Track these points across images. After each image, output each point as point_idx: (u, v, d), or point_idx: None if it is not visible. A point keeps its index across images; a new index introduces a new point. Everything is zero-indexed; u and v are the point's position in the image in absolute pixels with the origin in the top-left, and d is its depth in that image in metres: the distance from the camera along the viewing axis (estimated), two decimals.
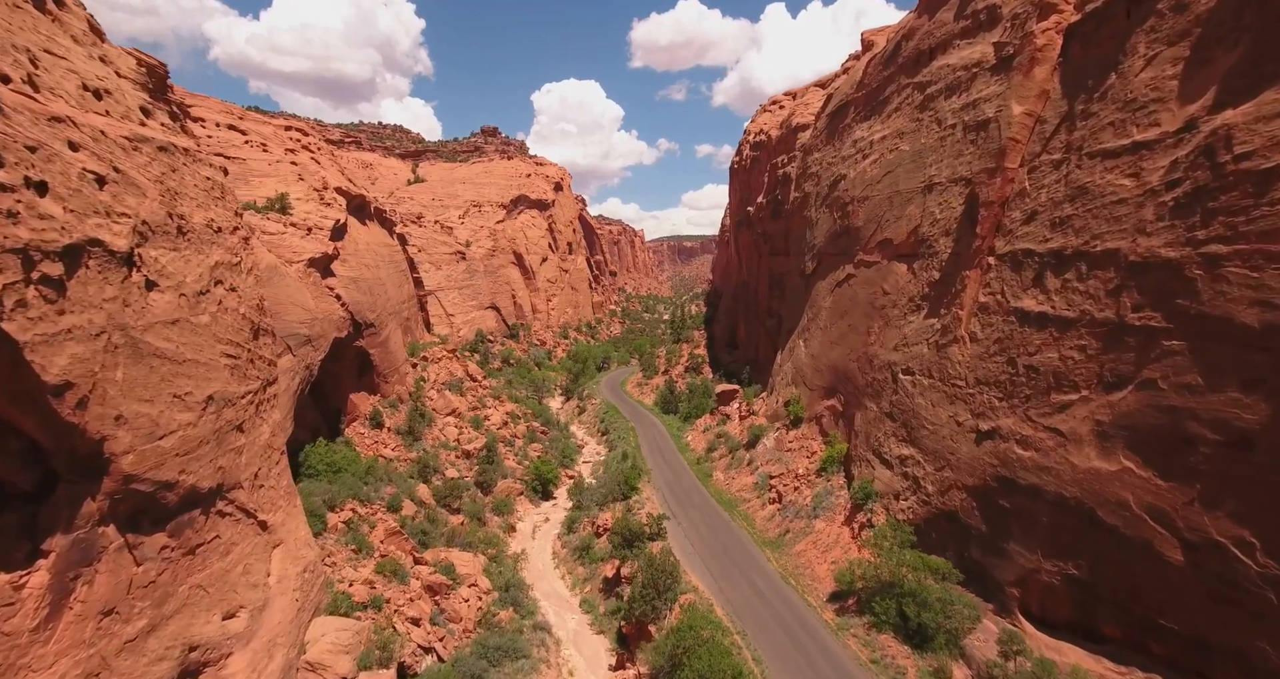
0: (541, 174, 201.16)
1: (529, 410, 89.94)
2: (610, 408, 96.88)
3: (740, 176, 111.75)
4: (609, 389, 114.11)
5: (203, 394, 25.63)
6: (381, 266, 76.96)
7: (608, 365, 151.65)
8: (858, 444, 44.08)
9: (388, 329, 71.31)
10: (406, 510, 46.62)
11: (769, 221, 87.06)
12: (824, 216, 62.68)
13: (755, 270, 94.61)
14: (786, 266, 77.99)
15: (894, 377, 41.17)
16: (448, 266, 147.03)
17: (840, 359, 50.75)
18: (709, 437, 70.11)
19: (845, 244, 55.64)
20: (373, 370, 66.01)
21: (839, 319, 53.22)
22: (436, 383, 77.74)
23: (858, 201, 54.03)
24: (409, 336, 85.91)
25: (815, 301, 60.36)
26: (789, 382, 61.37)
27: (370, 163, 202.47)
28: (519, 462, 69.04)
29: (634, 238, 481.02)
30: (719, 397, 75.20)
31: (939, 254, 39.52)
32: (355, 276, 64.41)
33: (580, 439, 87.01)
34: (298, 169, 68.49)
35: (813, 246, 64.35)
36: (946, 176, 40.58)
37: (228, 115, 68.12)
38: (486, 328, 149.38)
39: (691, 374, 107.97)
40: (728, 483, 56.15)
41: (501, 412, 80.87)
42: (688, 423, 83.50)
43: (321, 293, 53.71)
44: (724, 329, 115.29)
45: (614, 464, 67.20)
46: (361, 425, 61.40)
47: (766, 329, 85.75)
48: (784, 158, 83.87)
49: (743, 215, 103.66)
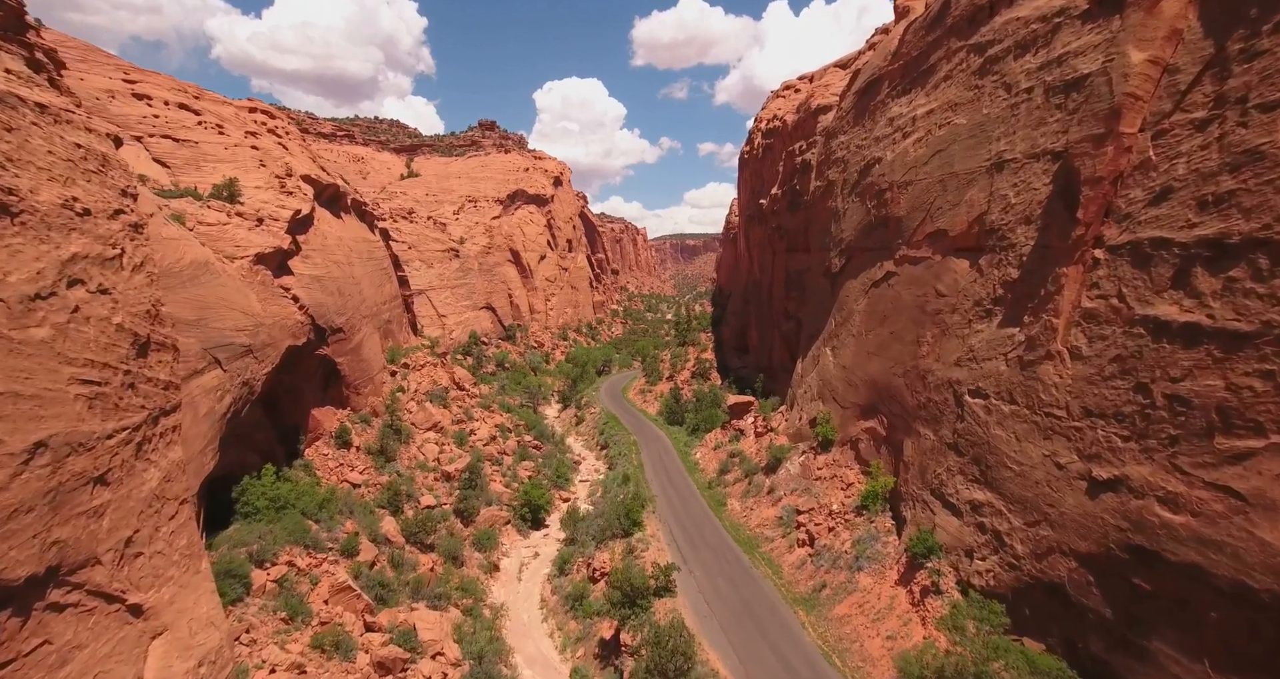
0: (540, 168, 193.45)
1: (522, 421, 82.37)
2: (610, 418, 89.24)
3: (751, 167, 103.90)
4: (609, 396, 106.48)
5: (25, 441, 17.81)
6: (356, 264, 69.39)
7: (608, 369, 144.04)
8: (909, 479, 36.30)
9: (360, 334, 63.74)
10: (365, 555, 38.99)
11: (785, 214, 79.26)
12: (854, 206, 54.91)
13: (769, 268, 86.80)
14: (806, 264, 70.20)
15: (957, 398, 33.40)
16: (440, 264, 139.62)
17: (881, 373, 42.98)
18: (721, 455, 62.40)
19: (882, 237, 47.88)
20: (341, 381, 58.44)
21: (877, 325, 45.45)
22: (417, 393, 70.16)
23: (898, 187, 46.25)
24: (390, 341, 78.40)
25: (845, 304, 52.58)
26: (814, 396, 53.59)
27: (362, 156, 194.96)
28: (507, 483, 61.40)
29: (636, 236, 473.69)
30: (731, 409, 67.51)
31: (1016, 247, 31.73)
32: (320, 275, 56.84)
33: (577, 454, 79.36)
34: (259, 154, 60.91)
35: (840, 241, 56.57)
36: (1023, 151, 32.78)
37: (179, 93, 60.55)
38: (481, 329, 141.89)
39: (698, 380, 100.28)
40: (745, 515, 48.45)
41: (490, 424, 73.27)
42: (695, 436, 75.78)
43: (272, 294, 46.13)
44: (733, 332, 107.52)
45: (613, 487, 59.57)
46: (325, 445, 53.82)
47: (782, 333, 77.95)
48: (802, 144, 76.04)
49: (754, 209, 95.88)
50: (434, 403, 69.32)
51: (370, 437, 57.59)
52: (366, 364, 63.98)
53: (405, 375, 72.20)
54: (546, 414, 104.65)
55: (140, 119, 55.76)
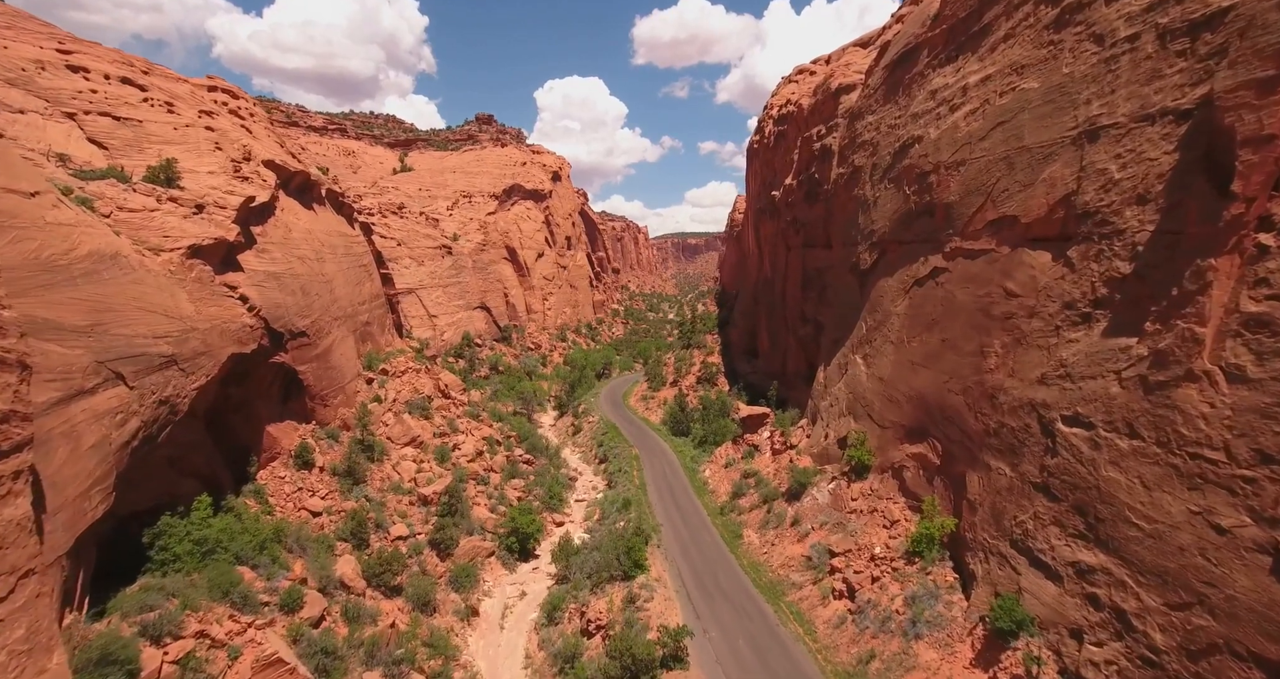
0: (538, 163, 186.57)
1: (514, 432, 75.52)
2: (610, 427, 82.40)
3: (761, 157, 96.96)
4: (609, 403, 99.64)
5: None
6: (329, 259, 62.57)
7: (608, 372, 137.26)
8: (977, 523, 29.39)
9: (330, 338, 56.92)
10: (310, 609, 32.13)
11: (801, 206, 72.36)
12: (887, 194, 48.05)
13: (782, 266, 79.90)
14: (827, 260, 63.32)
15: (1045, 425, 26.51)
16: (431, 262, 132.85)
17: (931, 388, 36.09)
18: (733, 475, 55.54)
19: (927, 228, 41.02)
20: (304, 392, 51.60)
21: (923, 331, 38.56)
22: (396, 403, 63.32)
23: (946, 169, 39.39)
24: (369, 344, 71.58)
25: (879, 306, 45.72)
26: (843, 411, 46.70)
27: (353, 150, 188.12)
28: (493, 507, 54.55)
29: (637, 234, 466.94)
30: (744, 422, 60.63)
31: (1125, 234, 24.85)
32: (280, 271, 50.01)
33: (573, 468, 72.49)
34: (214, 136, 54.05)
35: (871, 234, 49.70)
36: (1129, 113, 25.88)
37: (123, 66, 53.72)
38: (475, 330, 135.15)
39: (705, 386, 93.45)
40: (766, 551, 41.58)
41: (477, 437, 66.43)
42: (703, 450, 68.95)
43: (211, 293, 39.30)
44: (741, 334, 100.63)
45: (612, 512, 52.74)
46: (283, 467, 47.00)
47: (799, 337, 71.07)
48: (820, 128, 69.14)
49: (765, 201, 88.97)
50: (414, 414, 62.49)
51: (337, 455, 50.76)
52: (336, 372, 57.16)
53: (383, 383, 65.37)
54: (542, 422, 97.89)
55: (75, 94, 48.85)
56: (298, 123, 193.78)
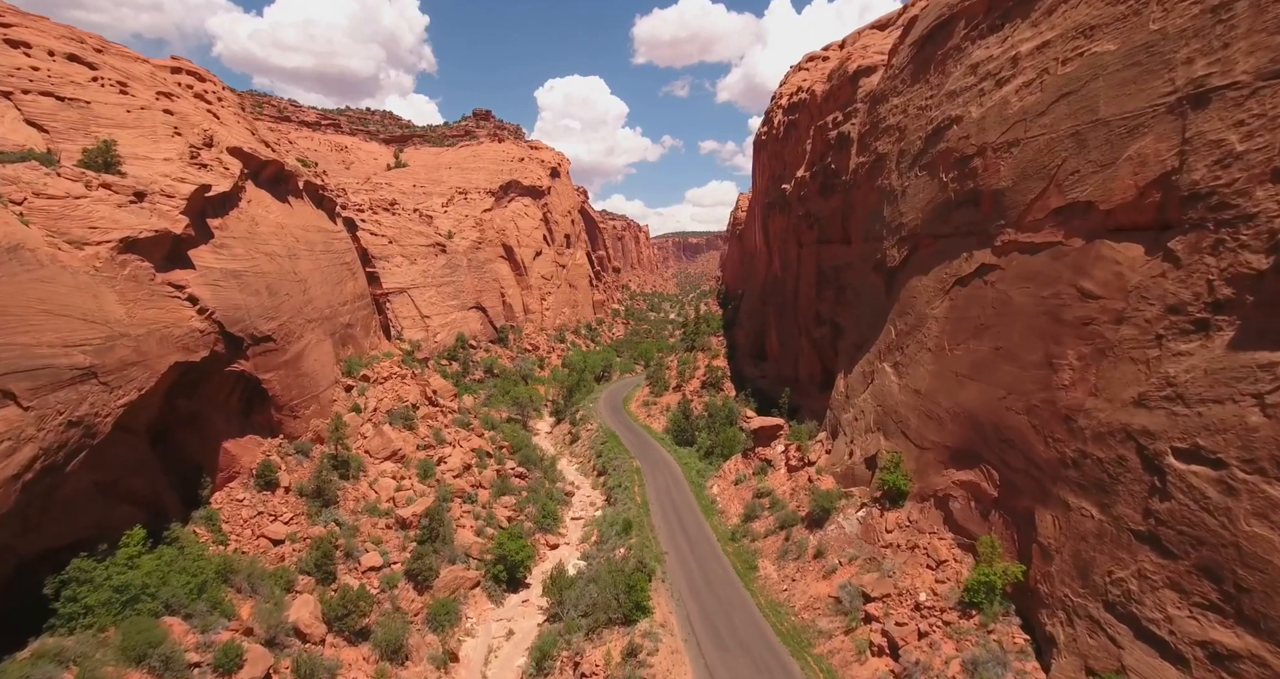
0: (536, 158, 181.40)
1: (506, 443, 70.42)
2: (610, 436, 77.28)
3: (770, 149, 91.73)
4: (609, 408, 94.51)
5: None
6: (303, 257, 57.51)
7: (608, 375, 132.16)
8: (1055, 575, 24.25)
9: (303, 342, 51.88)
10: (251, 668, 27.04)
11: (815, 199, 67.20)
12: (918, 183, 42.93)
13: (793, 263, 74.74)
14: (846, 257, 58.17)
15: (1149, 459, 21.37)
16: (424, 260, 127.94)
17: (983, 405, 30.94)
18: (745, 494, 50.43)
19: (970, 219, 35.86)
20: (269, 403, 46.54)
21: (969, 337, 33.41)
22: (377, 412, 58.23)
23: (994, 151, 34.23)
24: (351, 348, 66.52)
25: (911, 307, 40.59)
26: (871, 426, 41.55)
27: (346, 146, 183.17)
28: (480, 529, 49.45)
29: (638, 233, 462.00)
30: (756, 434, 55.47)
31: (1256, 218, 19.74)
32: (242, 269, 44.94)
33: (570, 482, 67.37)
34: (173, 120, 48.98)
35: (899, 227, 44.57)
36: (1256, 69, 20.74)
37: (72, 42, 48.59)
38: (470, 331, 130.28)
39: (710, 391, 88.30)
40: (786, 588, 36.46)
41: (465, 449, 61.34)
42: (710, 463, 63.86)
43: (150, 293, 34.22)
44: (748, 336, 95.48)
45: (611, 536, 47.64)
46: (242, 488, 41.95)
47: (813, 340, 65.93)
48: (837, 116, 63.97)
49: (774, 195, 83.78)
50: (396, 424, 57.39)
51: (306, 473, 45.69)
52: (309, 379, 52.11)
53: (364, 390, 60.27)
54: (538, 429, 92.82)
55: (12, 71, 43.71)
56: (290, 118, 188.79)
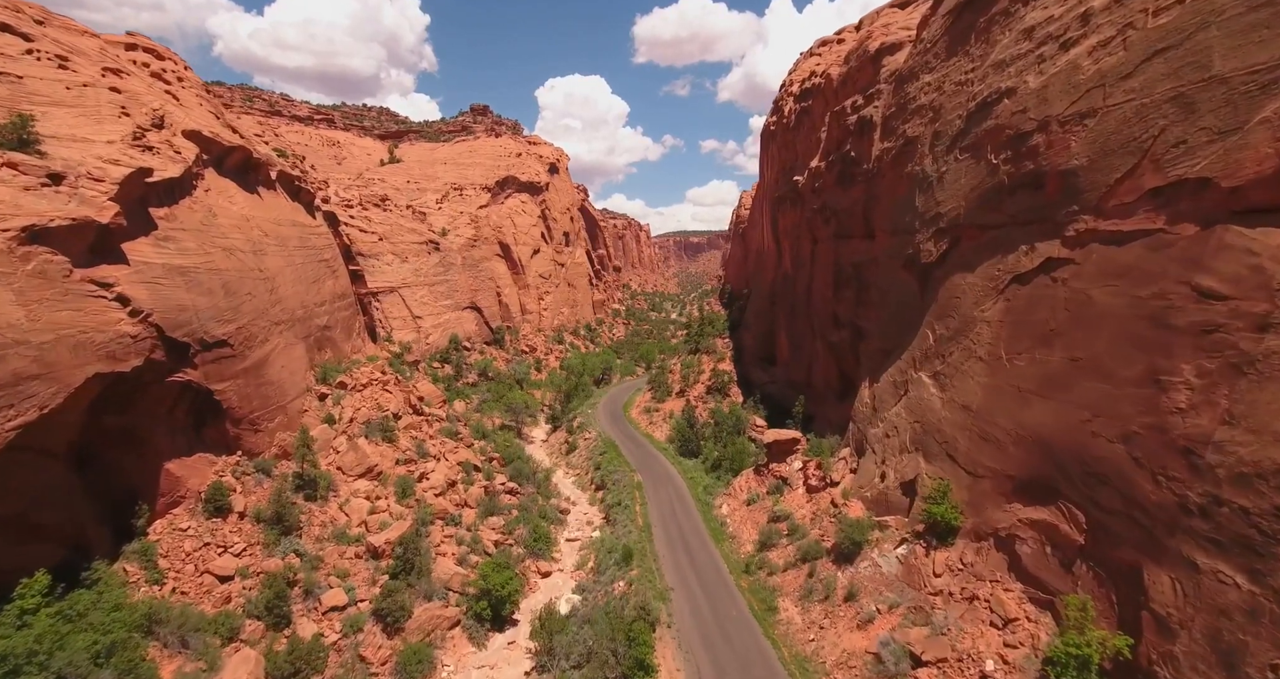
0: (534, 153, 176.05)
1: (497, 454, 65.18)
2: (609, 446, 72.04)
3: (780, 139, 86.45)
4: (608, 415, 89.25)
5: None
6: (272, 253, 52.35)
7: (608, 377, 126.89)
8: (1181, 657, 19.02)
9: (267, 347, 46.71)
10: None
11: (832, 191, 61.94)
12: (959, 167, 37.70)
13: (806, 261, 69.50)
14: (868, 253, 52.91)
15: None
16: (416, 258, 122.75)
17: (1058, 428, 25.69)
18: (758, 516, 45.19)
19: (1029, 205, 30.62)
20: (225, 416, 41.31)
21: (1036, 344, 28.16)
22: (353, 424, 53.02)
23: (1062, 125, 28.98)
24: (329, 352, 61.36)
25: (954, 309, 35.34)
26: (907, 445, 36.29)
27: (338, 141, 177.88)
28: (463, 557, 44.23)
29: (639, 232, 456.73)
30: (769, 449, 50.21)
31: None
32: (192, 265, 39.75)
33: (565, 498, 62.14)
34: (121, 98, 43.79)
35: (936, 218, 39.35)
36: None
37: (4, 11, 43.37)
38: (464, 332, 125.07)
39: (715, 397, 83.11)
40: (813, 637, 31.21)
41: (451, 463, 56.10)
42: (718, 478, 58.65)
43: (64, 292, 29.02)
44: (756, 339, 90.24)
45: (610, 565, 42.45)
46: (188, 515, 36.78)
47: (830, 344, 60.66)
48: (857, 99, 58.71)
49: (785, 188, 78.51)
50: (373, 437, 52.17)
51: (265, 495, 40.49)
52: (274, 388, 46.92)
53: (339, 399, 55.04)
54: (533, 437, 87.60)
55: None
56: (281, 112, 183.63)
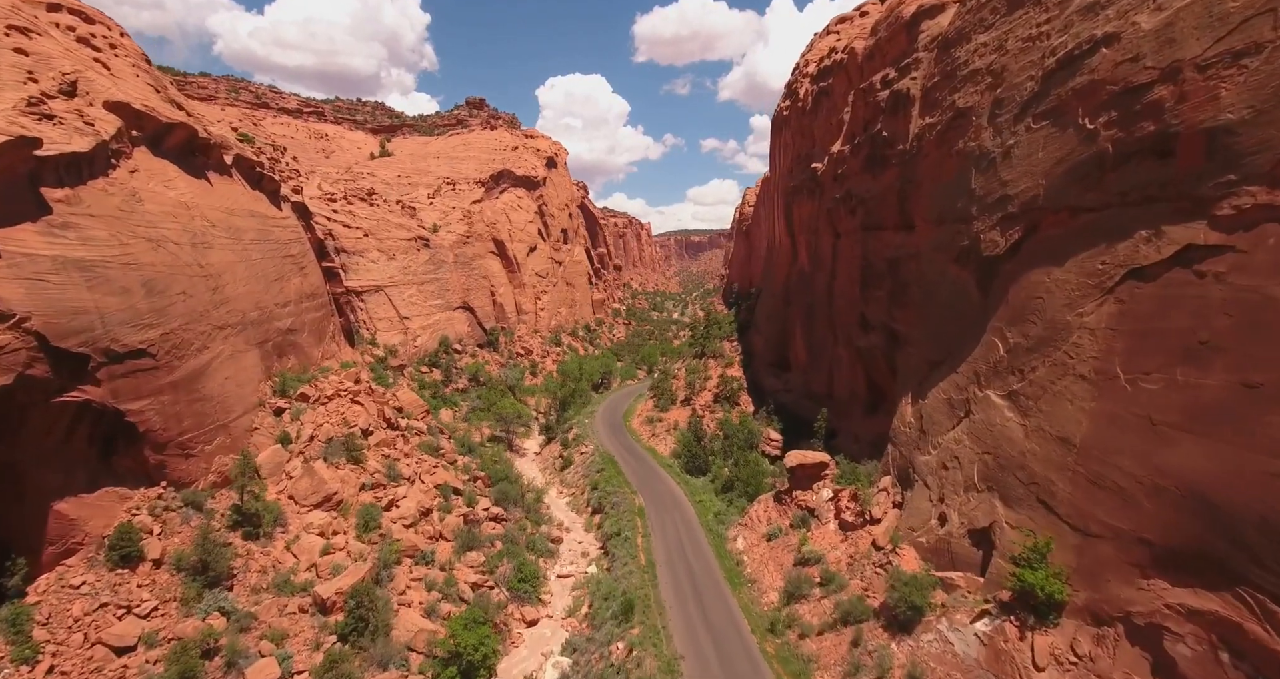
0: (531, 147, 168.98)
1: (484, 472, 58.23)
2: (608, 461, 65.06)
3: (794, 125, 79.31)
4: (607, 425, 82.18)
5: None
6: (218, 247, 45.44)
7: (608, 382, 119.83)
8: None
9: (206, 355, 39.79)
10: None
11: (858, 177, 54.91)
12: (1035, 137, 30.75)
13: (827, 256, 62.44)
14: (906, 245, 45.91)
15: None
16: (405, 256, 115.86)
17: (1227, 479, 18.72)
18: (783, 556, 38.21)
19: (1148, 178, 23.63)
20: (141, 441, 34.31)
21: (1176, 361, 21.16)
22: (314, 442, 46.07)
23: (1199, 71, 22.08)
24: (292, 359, 54.45)
25: (1035, 312, 28.32)
26: (975, 482, 29.25)
27: (326, 134, 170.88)
28: (432, 606, 37.24)
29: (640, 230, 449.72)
30: (794, 474, 43.18)
31: None
32: (99, 259, 32.80)
33: (558, 524, 55.17)
34: (28, 61, 37.02)
35: (1002, 202, 32.38)
36: None
37: None
38: (455, 334, 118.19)
39: (724, 406, 76.14)
40: None
41: (427, 486, 49.09)
42: (730, 503, 51.70)
43: None
44: (768, 342, 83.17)
45: (606, 618, 35.46)
46: (85, 566, 29.85)
47: (857, 350, 53.61)
48: (889, 72, 51.67)
49: (801, 178, 71.43)
50: (336, 457, 45.16)
51: (190, 536, 33.54)
52: (213, 404, 39.97)
53: (299, 413, 48.08)
54: (525, 448, 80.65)
55: None
56: (268, 104, 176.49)
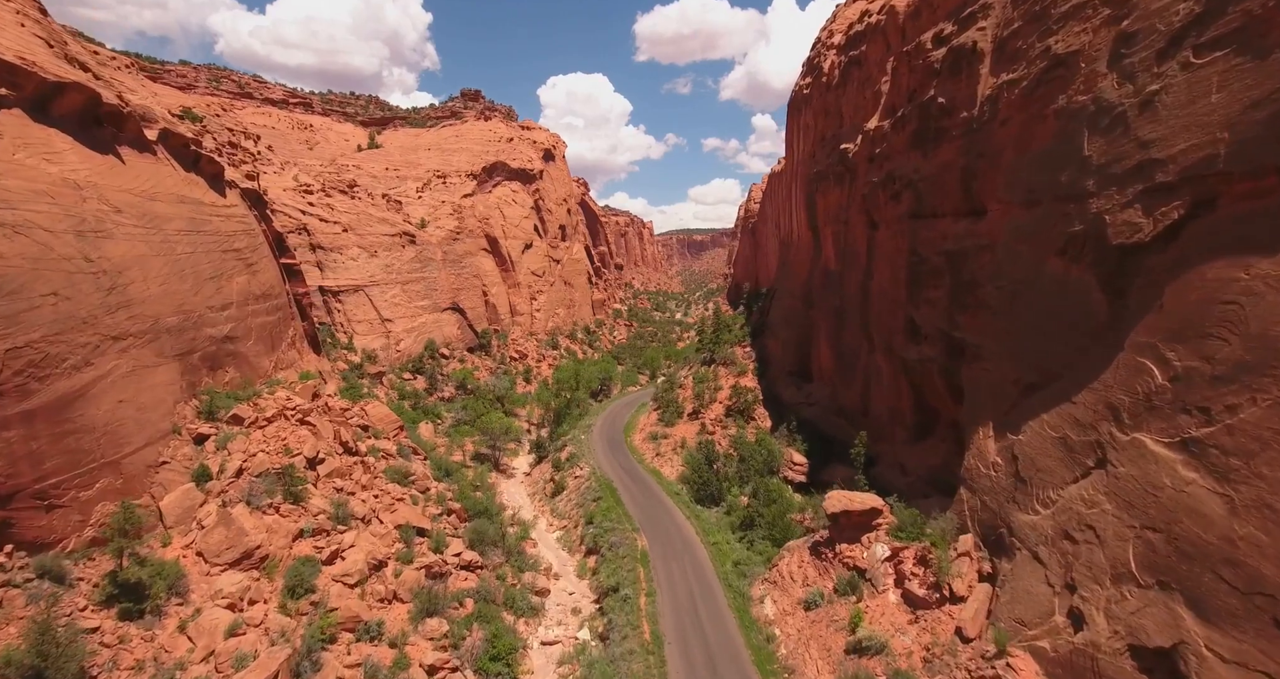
0: (527, 138, 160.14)
1: (459, 504, 49.44)
2: (605, 488, 56.25)
3: (818, 104, 70.30)
4: (606, 441, 73.30)
5: None
6: (123, 236, 36.79)
7: (608, 389, 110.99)
8: None
9: (87, 374, 31.11)
10: None
11: (904, 155, 46.01)
12: (1199, 78, 21.91)
13: (860, 251, 53.52)
14: (976, 234, 36.97)
15: None
16: (388, 252, 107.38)
17: None
18: (829, 638, 29.36)
19: None
20: None
21: None
22: (242, 477, 37.28)
23: None
24: (228, 373, 45.81)
25: (1220, 323, 19.48)
26: (1128, 573, 20.28)
27: (311, 125, 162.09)
28: None
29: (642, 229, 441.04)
30: (835, 522, 34.27)
31: None
32: None
33: (545, 567, 46.37)
34: None
35: (1143, 169, 23.57)
36: None
37: None
38: (443, 337, 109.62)
39: (737, 421, 67.37)
40: None
41: (385, 529, 40.28)
42: (750, 545, 42.94)
43: None
44: (785, 348, 74.26)
45: None
46: None
47: (903, 363, 44.67)
48: (943, 28, 42.79)
49: (828, 162, 62.45)
50: (265, 500, 36.34)
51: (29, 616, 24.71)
52: (96, 436, 31.24)
53: (226, 441, 39.31)
54: (514, 469, 71.89)
55: None
56: (252, 94, 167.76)
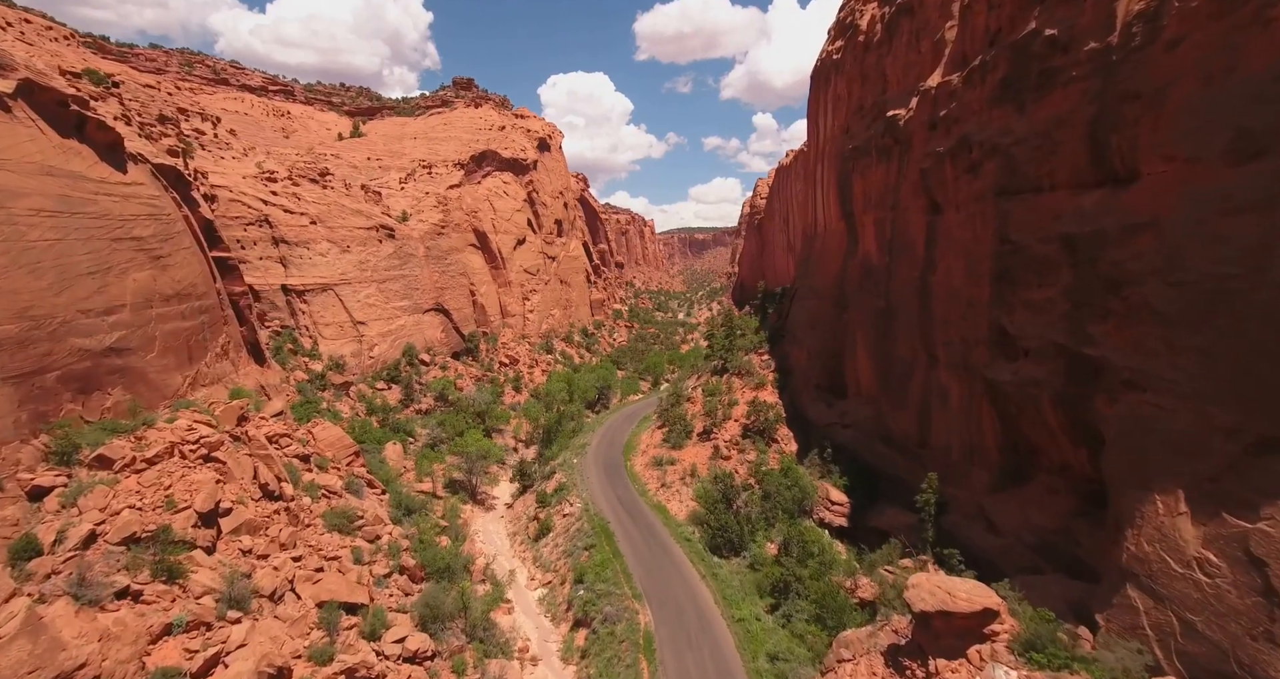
0: (520, 127, 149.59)
1: (414, 560, 38.98)
2: (600, 531, 45.79)
3: (850, 71, 59.64)
4: (602, 465, 62.73)
5: None
6: None
7: (606, 399, 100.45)
8: None
9: None
10: None
11: (984, 114, 35.42)
12: None
13: (916, 239, 43.00)
14: (1121, 211, 26.42)
15: None
16: (362, 248, 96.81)
17: None
18: None
19: None
20: None
21: None
22: (96, 547, 26.82)
23: None
24: (111, 397, 35.50)
25: None
26: None
27: (289, 112, 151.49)
28: None
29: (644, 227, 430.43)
30: (925, 623, 23.85)
31: None
32: None
33: (520, 649, 35.85)
34: None
35: None
36: None
37: None
38: (424, 341, 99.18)
39: (756, 443, 56.93)
40: None
41: (303, 608, 29.85)
42: (786, 620, 32.43)
43: None
44: (812, 358, 63.70)
45: None
46: None
47: (986, 384, 34.05)
48: None
49: (867, 135, 51.83)
50: (116, 584, 25.87)
51: None
52: None
53: (78, 495, 28.85)
54: (494, 500, 61.38)
55: None
56: (228, 80, 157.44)
